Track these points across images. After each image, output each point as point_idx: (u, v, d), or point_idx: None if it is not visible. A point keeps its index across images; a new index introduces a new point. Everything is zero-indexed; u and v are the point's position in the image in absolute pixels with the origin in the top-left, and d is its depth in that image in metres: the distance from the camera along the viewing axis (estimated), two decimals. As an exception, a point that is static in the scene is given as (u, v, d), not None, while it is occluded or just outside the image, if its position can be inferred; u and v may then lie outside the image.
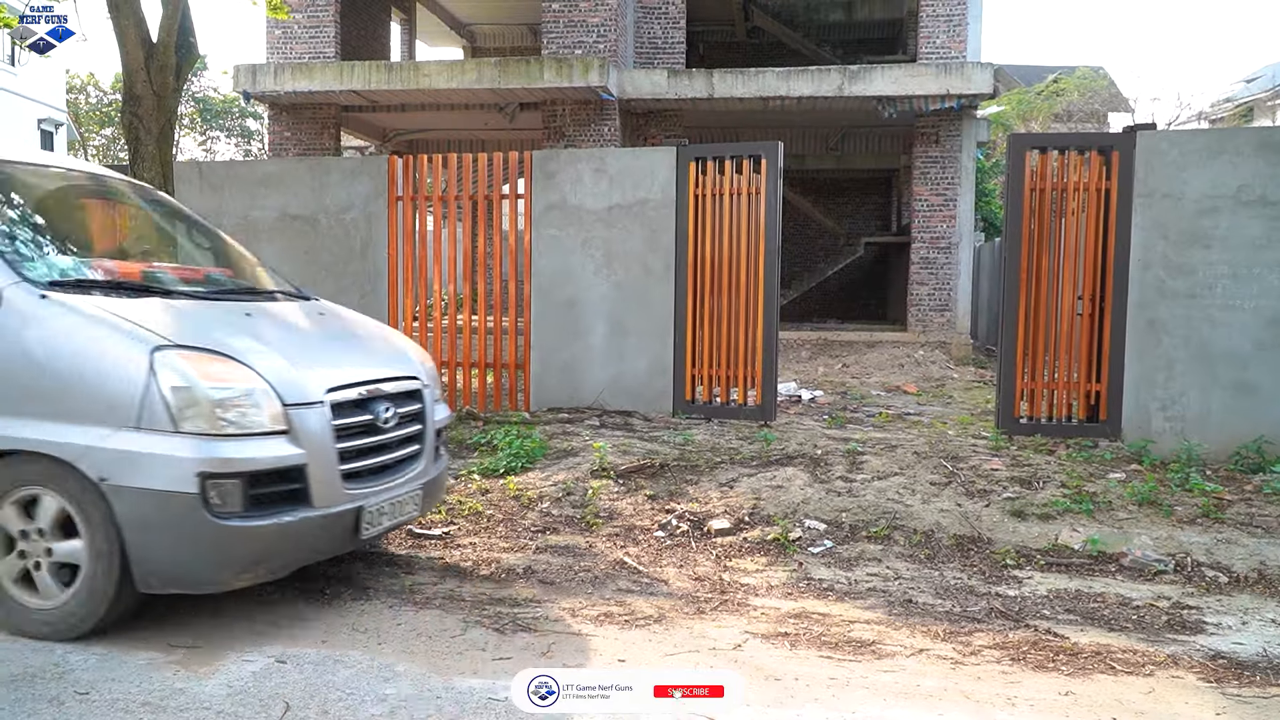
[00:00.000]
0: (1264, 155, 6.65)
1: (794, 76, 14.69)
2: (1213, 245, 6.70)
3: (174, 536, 3.56)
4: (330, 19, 16.00)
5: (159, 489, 3.52)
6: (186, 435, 3.54)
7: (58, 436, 3.59)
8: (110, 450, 3.54)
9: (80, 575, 3.64)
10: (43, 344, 3.66)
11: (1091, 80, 28.38)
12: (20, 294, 3.73)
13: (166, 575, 3.63)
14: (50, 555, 3.69)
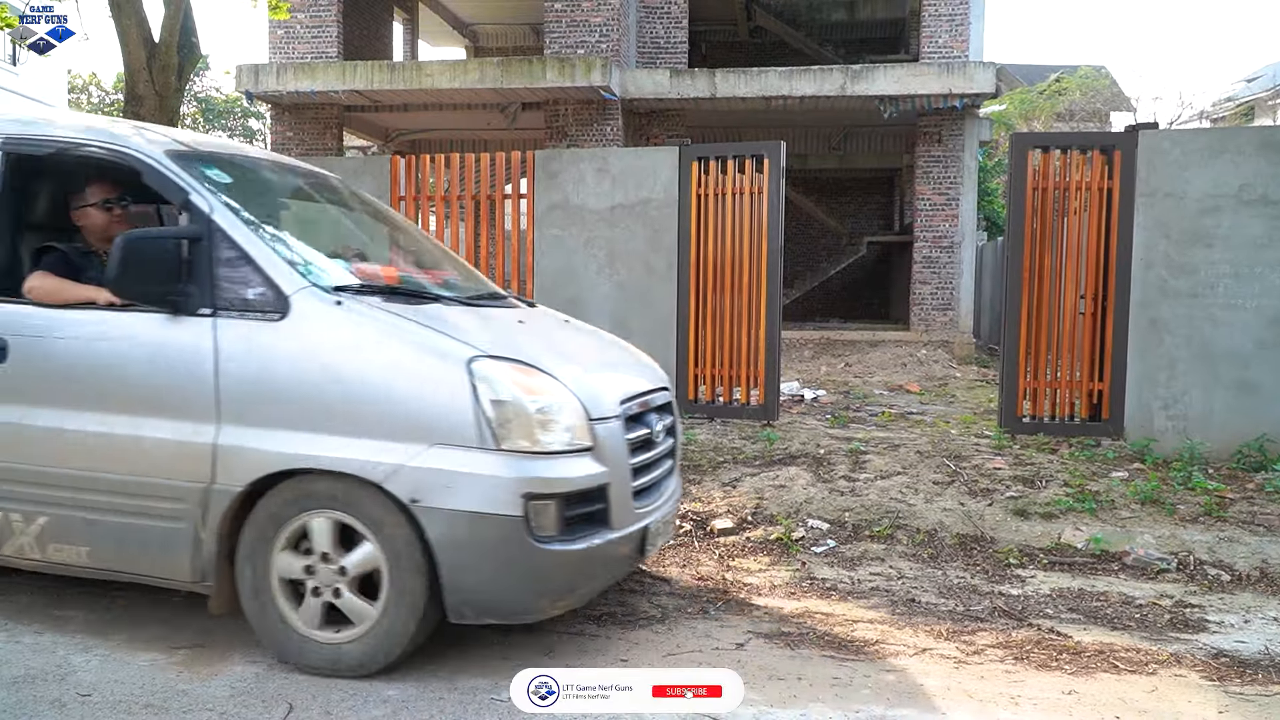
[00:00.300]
0: (1265, 154, 6.65)
1: (796, 76, 14.69)
2: (1214, 244, 6.69)
3: (494, 562, 3.28)
4: (332, 19, 16.01)
5: (479, 511, 3.24)
6: (508, 453, 3.26)
7: (360, 454, 3.27)
8: (423, 469, 3.24)
9: (383, 596, 3.35)
10: (341, 354, 3.37)
11: (1093, 79, 28.36)
12: (312, 300, 3.45)
13: (483, 604, 3.35)
14: (345, 575, 3.38)
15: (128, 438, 3.50)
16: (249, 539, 3.44)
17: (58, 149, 3.84)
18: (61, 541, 3.63)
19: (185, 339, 3.48)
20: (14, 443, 3.65)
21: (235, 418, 3.40)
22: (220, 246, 3.51)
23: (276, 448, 3.35)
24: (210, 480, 3.41)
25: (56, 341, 3.66)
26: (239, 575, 3.47)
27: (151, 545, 3.53)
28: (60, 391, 3.62)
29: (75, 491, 3.58)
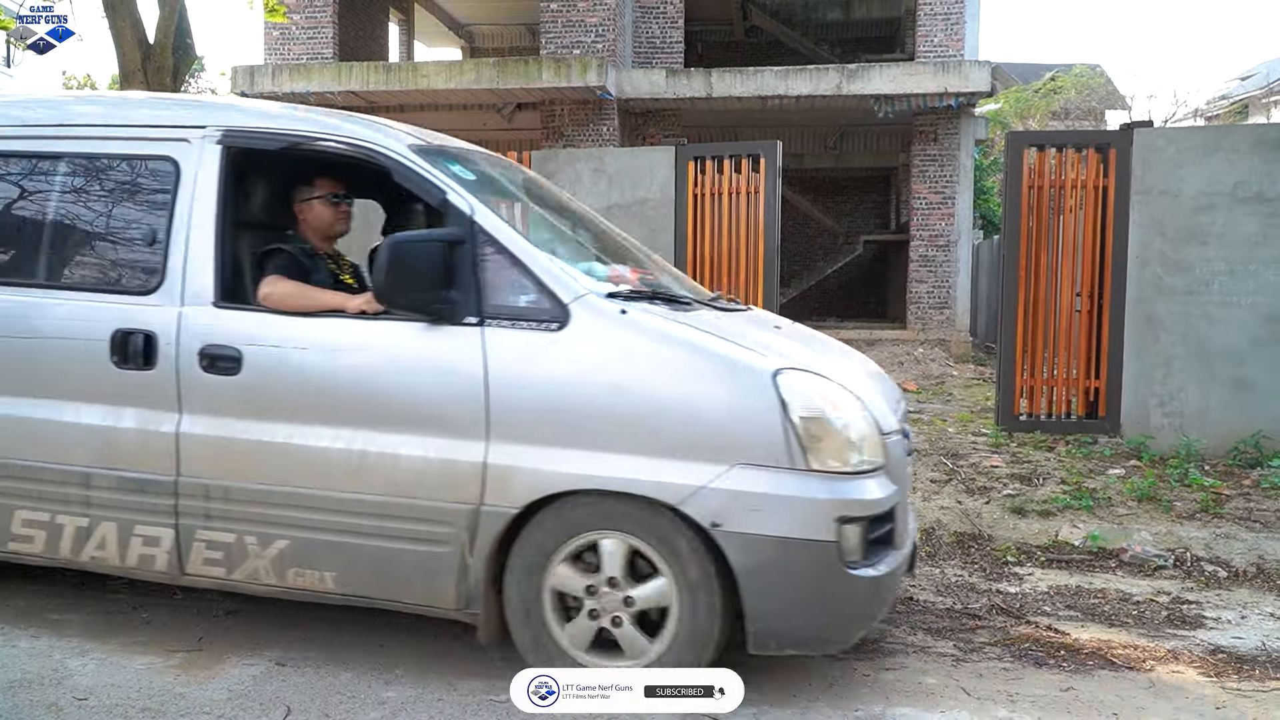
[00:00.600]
0: (1259, 152, 6.66)
1: (792, 75, 14.70)
2: (1209, 242, 6.70)
3: (804, 591, 3.06)
4: (328, 20, 16.00)
5: (790, 536, 3.02)
6: (819, 473, 3.04)
7: (653, 474, 3.06)
8: (727, 491, 3.02)
9: (667, 634, 3.16)
10: (631, 367, 3.14)
11: (1089, 78, 28.40)
12: (594, 309, 3.20)
13: (789, 634, 3.15)
14: (632, 605, 3.18)
15: (383, 456, 3.26)
16: (520, 563, 3.23)
17: (289, 143, 3.57)
18: (303, 566, 3.40)
19: (450, 350, 3.24)
20: (249, 460, 3.40)
21: (507, 434, 3.17)
22: (485, 250, 3.28)
23: (557, 467, 3.12)
24: (479, 501, 3.19)
25: (299, 352, 3.39)
26: (508, 601, 3.27)
27: (409, 571, 3.31)
28: (302, 406, 3.37)
29: (320, 513, 3.34)
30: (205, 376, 3.43)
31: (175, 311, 3.49)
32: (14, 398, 3.64)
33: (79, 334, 3.57)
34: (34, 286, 3.70)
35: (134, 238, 3.68)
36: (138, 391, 3.50)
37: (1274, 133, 7.10)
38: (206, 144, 3.58)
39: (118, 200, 3.73)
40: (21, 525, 3.66)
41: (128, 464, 3.50)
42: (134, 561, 3.56)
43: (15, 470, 3.63)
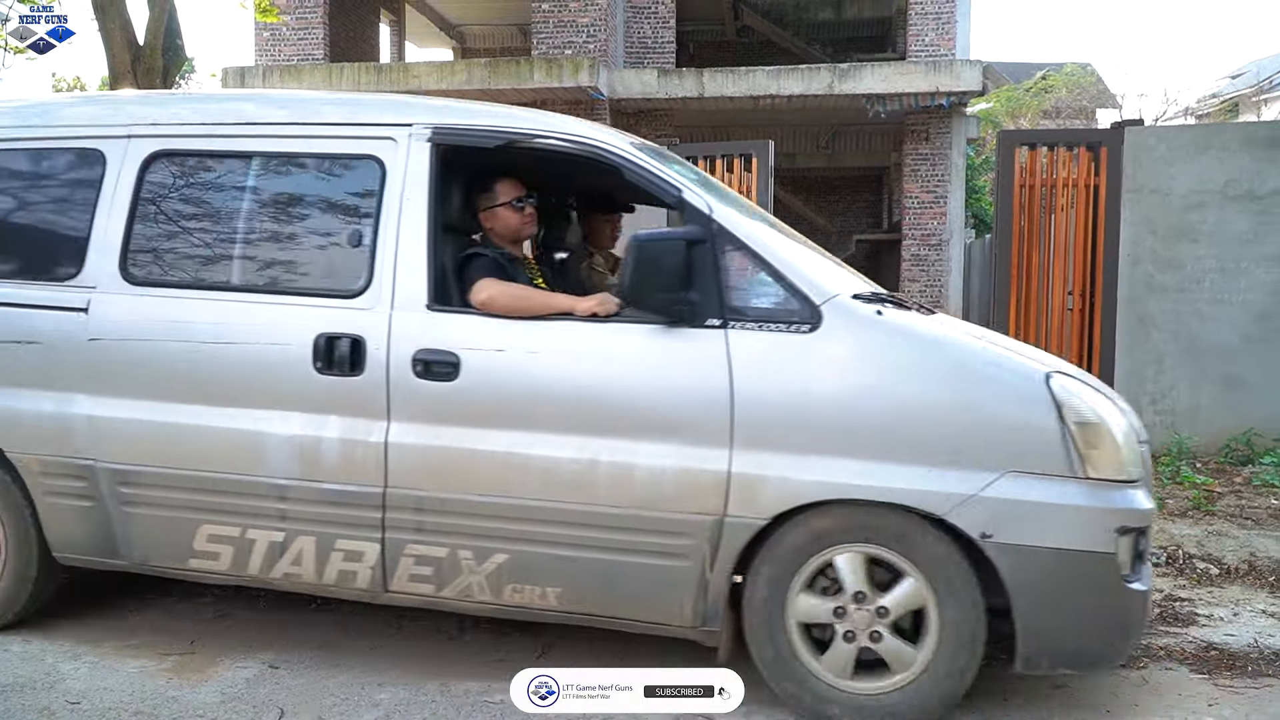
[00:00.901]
0: (1249, 150, 6.68)
1: (784, 75, 14.71)
2: (1200, 240, 6.72)
3: (1081, 605, 2.94)
4: (319, 20, 15.97)
5: (1068, 548, 2.89)
6: (1096, 482, 2.90)
7: (916, 483, 2.92)
8: (998, 500, 2.89)
9: (930, 637, 3.01)
10: (889, 371, 3.00)
11: (1079, 77, 28.48)
12: (848, 311, 3.06)
13: (1064, 651, 3.00)
14: (887, 615, 3.02)
15: (615, 465, 3.10)
16: (764, 577, 3.08)
17: (506, 140, 3.40)
18: (523, 582, 3.24)
19: (691, 353, 3.08)
20: (466, 471, 3.22)
21: (753, 442, 3.01)
22: (726, 249, 3.15)
23: (809, 476, 2.98)
24: (722, 512, 3.04)
25: (526, 357, 3.22)
26: (748, 618, 3.12)
27: (641, 586, 3.16)
28: (527, 413, 3.19)
29: (544, 526, 3.17)
30: (418, 383, 3.24)
31: (385, 315, 3.30)
32: (203, 406, 3.42)
33: (277, 339, 3.37)
34: (226, 290, 3.51)
35: (335, 240, 3.51)
36: (342, 399, 3.31)
37: (1264, 131, 7.13)
38: (415, 142, 3.41)
39: (315, 201, 3.57)
40: (206, 541, 3.45)
41: (330, 475, 3.31)
42: (333, 579, 3.38)
43: (202, 483, 3.42)
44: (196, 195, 3.65)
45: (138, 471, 3.48)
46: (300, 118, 3.62)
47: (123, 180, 3.62)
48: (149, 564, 3.60)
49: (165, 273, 3.57)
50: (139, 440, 3.47)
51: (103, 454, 3.50)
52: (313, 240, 3.56)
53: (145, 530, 3.54)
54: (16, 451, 3.62)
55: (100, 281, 3.56)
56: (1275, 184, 6.61)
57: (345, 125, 3.55)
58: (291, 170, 3.61)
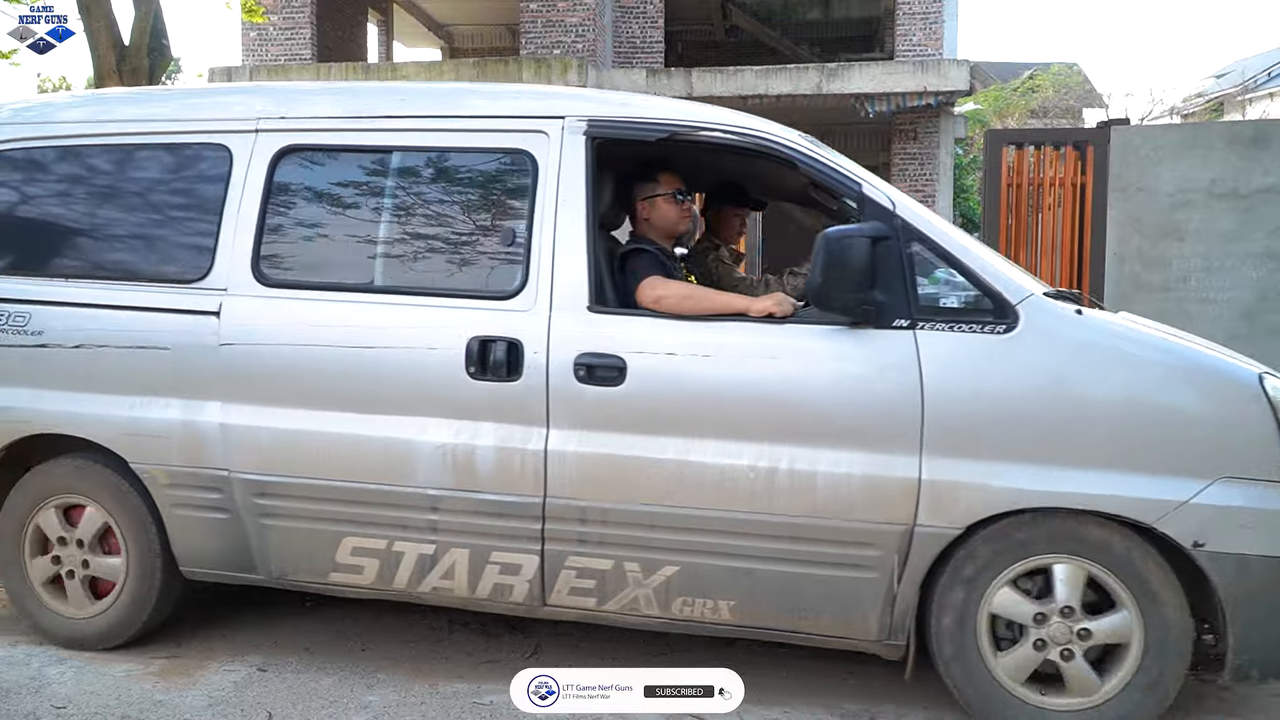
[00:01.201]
0: (1234, 149, 6.71)
1: (772, 75, 14.73)
2: (1186, 238, 6.75)
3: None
4: (306, 20, 15.93)
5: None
6: None
7: (1123, 490, 2.81)
8: (1212, 507, 2.78)
9: (1122, 673, 2.90)
10: (1093, 374, 2.87)
11: (1066, 76, 28.60)
12: (1046, 311, 2.94)
13: (1276, 661, 2.90)
14: (1088, 638, 2.91)
15: (795, 473, 2.98)
16: (952, 588, 2.97)
17: (667, 133, 3.25)
18: (694, 595, 3.11)
19: (878, 355, 2.95)
20: (633, 480, 3.07)
21: (944, 448, 2.90)
22: (913, 247, 3.01)
23: (1008, 483, 2.86)
24: (911, 521, 2.92)
25: (699, 360, 3.07)
26: (933, 629, 3.02)
27: (823, 599, 3.05)
28: (699, 418, 3.05)
29: (718, 536, 3.04)
30: (580, 387, 3.10)
31: (543, 317, 3.15)
32: (346, 413, 3.27)
33: (426, 343, 3.21)
34: (368, 292, 3.35)
35: (485, 239, 3.36)
36: (497, 405, 3.15)
37: (1248, 130, 7.16)
38: (569, 135, 3.26)
39: (462, 198, 3.41)
40: (350, 554, 3.32)
41: (484, 485, 3.17)
42: (486, 592, 3.26)
43: (346, 494, 3.27)
44: (333, 192, 3.49)
45: (276, 482, 3.33)
46: (444, 110, 3.46)
47: (251, 177, 3.45)
48: (287, 578, 3.46)
49: (302, 274, 3.42)
50: (277, 449, 3.32)
51: (238, 464, 3.34)
52: (460, 239, 3.38)
53: (284, 543, 3.39)
54: (142, 463, 3.44)
55: (231, 284, 3.39)
56: (1260, 182, 6.64)
57: (493, 118, 3.38)
58: (435, 165, 3.43)
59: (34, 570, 3.65)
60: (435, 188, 3.42)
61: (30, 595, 3.66)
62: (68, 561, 3.61)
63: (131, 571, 3.55)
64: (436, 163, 3.43)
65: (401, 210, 3.41)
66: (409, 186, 3.43)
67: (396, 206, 3.41)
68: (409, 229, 3.41)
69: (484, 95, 3.62)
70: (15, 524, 3.64)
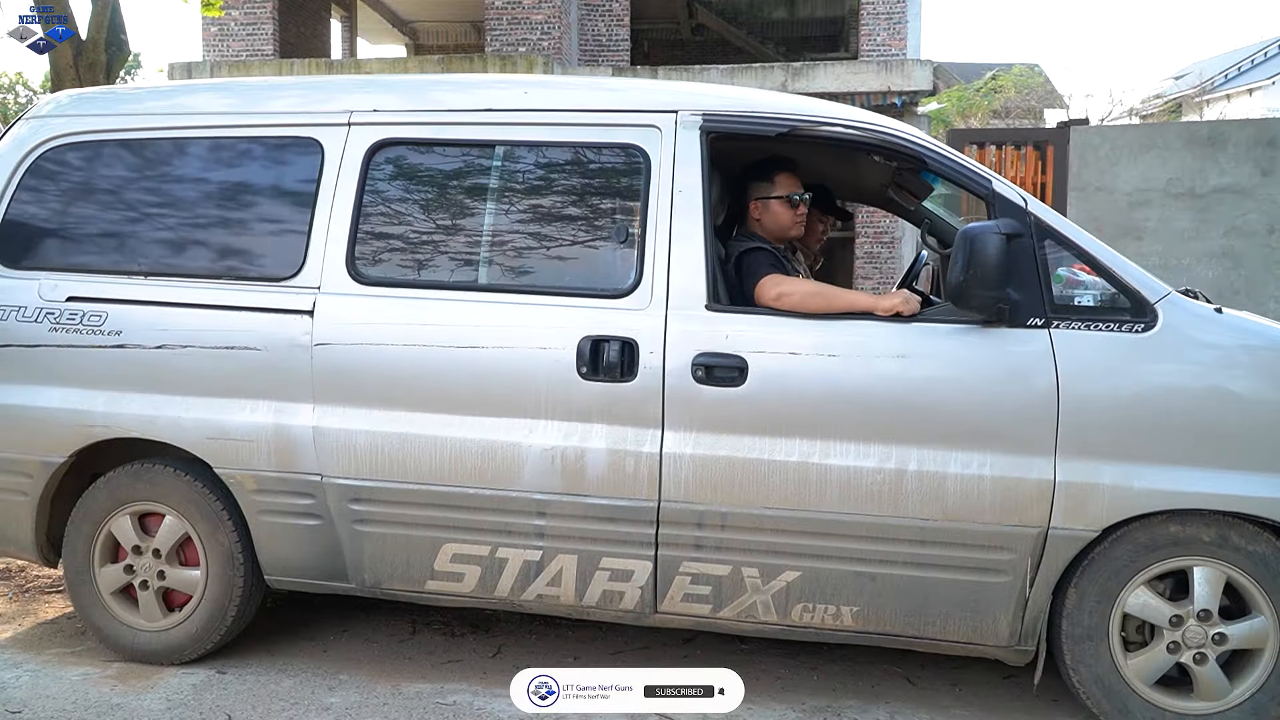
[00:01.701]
0: (1191, 149, 6.83)
1: (738, 74, 14.75)
2: (1144, 237, 6.86)
3: None
4: (268, 15, 15.77)
5: None
6: None
7: (1258, 491, 2.80)
8: None
9: (1253, 678, 2.88)
10: (1238, 372, 2.85)
11: (1028, 77, 28.86)
12: (1185, 309, 2.92)
13: None
14: (1223, 643, 2.87)
15: (924, 475, 2.91)
16: (1085, 592, 2.93)
17: (788, 129, 3.17)
18: (815, 601, 3.03)
19: (1012, 355, 2.90)
20: (753, 483, 2.99)
21: (1082, 449, 2.85)
22: (1047, 245, 2.97)
23: (1147, 484, 2.82)
24: (1045, 524, 2.87)
25: (825, 360, 3.00)
26: (1065, 631, 2.96)
27: (951, 604, 2.98)
28: (824, 420, 2.98)
29: (843, 540, 2.98)
30: (698, 388, 3.02)
31: (659, 316, 3.07)
32: (446, 415, 3.17)
33: (534, 343, 3.12)
34: (471, 290, 3.25)
35: (595, 235, 3.26)
36: (609, 407, 3.07)
37: (1205, 130, 7.29)
38: (683, 130, 3.18)
39: (569, 193, 3.30)
40: (450, 562, 3.22)
41: (595, 489, 3.08)
42: (595, 599, 3.18)
43: (447, 499, 3.17)
44: (431, 188, 3.38)
45: (372, 487, 3.22)
46: (547, 104, 3.35)
47: (344, 172, 3.33)
48: (381, 587, 3.35)
49: (399, 272, 3.31)
50: (373, 453, 3.20)
51: (331, 469, 3.24)
52: (568, 236, 3.28)
53: (380, 551, 3.28)
54: (228, 468, 3.32)
55: (325, 282, 3.28)
56: (1216, 182, 6.76)
57: (601, 112, 3.30)
58: (541, 160, 3.33)
59: (103, 579, 3.50)
60: (541, 183, 3.32)
61: (98, 605, 3.51)
62: (141, 571, 3.46)
63: (211, 582, 3.42)
64: (543, 157, 3.33)
65: (505, 206, 3.30)
66: (513, 182, 3.32)
67: (500, 202, 3.31)
68: (514, 226, 3.30)
69: (592, 89, 3.57)
70: (87, 531, 3.48)
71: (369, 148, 3.34)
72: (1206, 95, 33.97)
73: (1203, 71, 35.12)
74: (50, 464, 3.43)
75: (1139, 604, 2.91)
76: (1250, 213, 6.79)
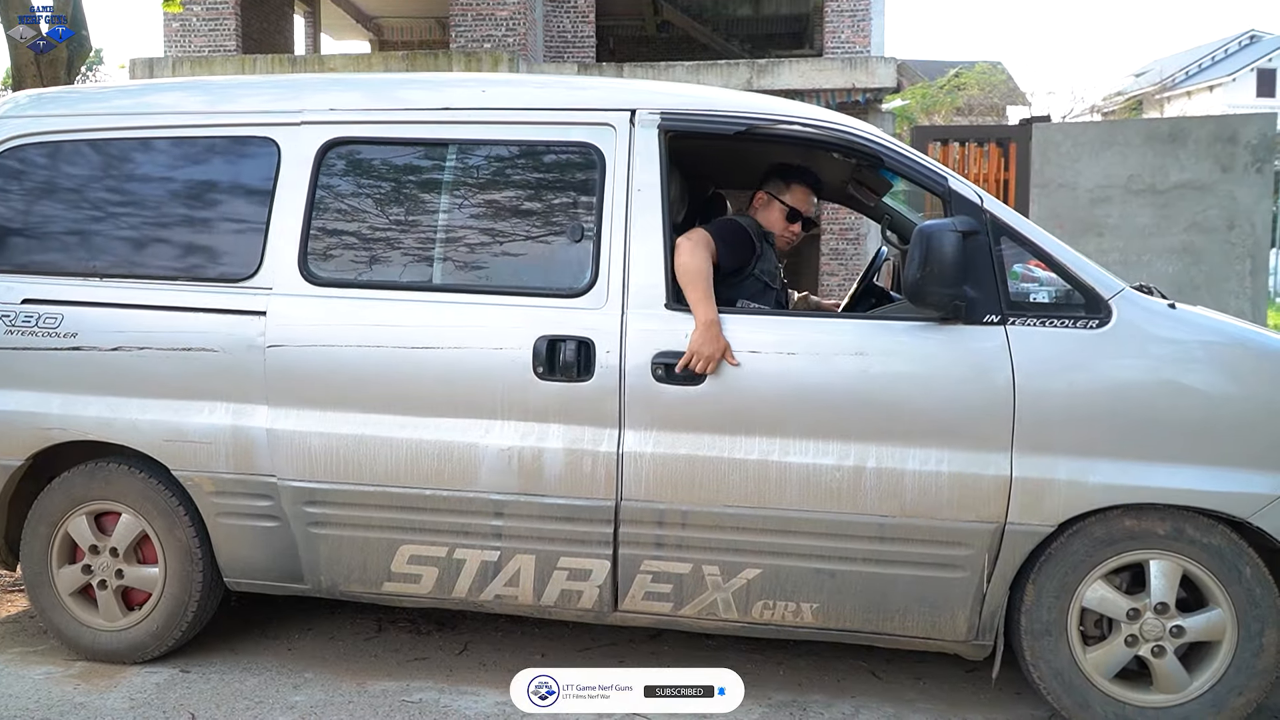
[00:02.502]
0: (1151, 146, 6.92)
1: (703, 70, 14.79)
2: (1106, 234, 6.95)
3: None
4: (230, 11, 15.59)
5: None
6: None
7: (1217, 485, 2.82)
8: None
9: (1211, 670, 2.91)
10: (1190, 367, 2.87)
11: (990, 75, 29.13)
12: (1139, 305, 2.94)
13: None
14: (1180, 635, 2.89)
15: (883, 471, 2.94)
16: (1043, 586, 2.95)
17: (744, 127, 3.16)
18: (775, 598, 3.04)
19: (968, 352, 2.92)
20: (713, 481, 3.01)
21: (1037, 445, 2.87)
22: (1003, 242, 2.99)
23: (1101, 479, 2.86)
24: (1003, 519, 2.90)
25: (779, 358, 3.01)
26: (1023, 625, 2.97)
27: (910, 600, 2.99)
28: (783, 418, 2.99)
29: (802, 538, 2.99)
30: (658, 387, 3.02)
31: (616, 315, 3.07)
32: (403, 417, 3.15)
33: (490, 343, 3.11)
34: (425, 290, 3.23)
35: (549, 234, 3.23)
36: (566, 406, 3.06)
37: (1165, 127, 7.39)
38: (642, 129, 3.18)
39: (522, 192, 3.28)
40: (407, 563, 3.21)
41: (553, 489, 3.08)
42: (553, 599, 3.17)
43: (403, 500, 3.17)
44: (385, 187, 3.36)
45: (327, 490, 3.21)
46: (504, 103, 3.34)
47: (297, 171, 3.31)
48: (338, 589, 3.33)
49: (352, 272, 3.29)
50: (328, 455, 3.19)
51: (286, 471, 3.22)
52: (523, 235, 3.27)
53: (336, 553, 3.26)
54: (185, 470, 3.30)
55: (277, 283, 3.26)
56: (1176, 178, 6.86)
57: (557, 110, 3.29)
58: (495, 159, 3.31)
59: (62, 580, 3.46)
60: (496, 182, 3.31)
61: (57, 606, 3.47)
62: (99, 571, 3.43)
63: (169, 579, 3.39)
64: (498, 156, 3.31)
65: (460, 205, 3.29)
66: (468, 180, 3.31)
67: (454, 201, 3.29)
68: (469, 225, 3.28)
69: (546, 87, 3.57)
70: (44, 532, 3.45)
71: (321, 146, 3.32)
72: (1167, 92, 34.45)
73: (1163, 69, 35.64)
74: (7, 467, 3.40)
75: (1097, 598, 2.93)
76: (1210, 209, 6.89)
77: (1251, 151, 6.86)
